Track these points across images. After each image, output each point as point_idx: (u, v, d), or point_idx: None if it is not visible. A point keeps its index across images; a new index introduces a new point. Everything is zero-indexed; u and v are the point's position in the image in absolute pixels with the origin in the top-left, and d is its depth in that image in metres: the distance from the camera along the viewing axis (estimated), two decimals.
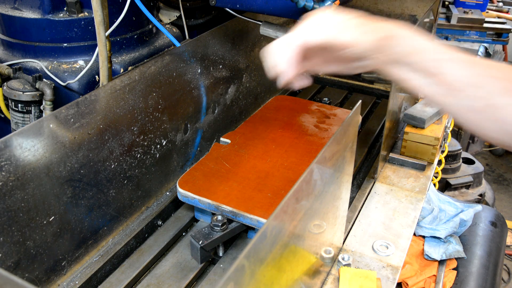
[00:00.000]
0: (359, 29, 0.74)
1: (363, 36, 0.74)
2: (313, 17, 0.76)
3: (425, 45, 0.73)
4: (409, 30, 0.74)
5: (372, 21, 0.76)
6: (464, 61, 0.71)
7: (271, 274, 0.65)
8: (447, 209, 2.06)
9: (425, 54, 0.73)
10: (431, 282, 1.88)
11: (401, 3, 1.79)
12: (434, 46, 0.74)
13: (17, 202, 0.81)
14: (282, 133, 1.30)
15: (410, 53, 0.73)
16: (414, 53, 0.73)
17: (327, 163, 0.76)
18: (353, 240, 1.06)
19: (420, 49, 0.73)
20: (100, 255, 0.99)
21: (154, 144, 1.12)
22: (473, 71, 0.71)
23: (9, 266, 0.81)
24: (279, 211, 0.61)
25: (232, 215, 1.01)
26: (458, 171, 3.04)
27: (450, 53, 0.73)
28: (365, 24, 0.76)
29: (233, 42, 1.38)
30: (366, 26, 0.75)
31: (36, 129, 0.83)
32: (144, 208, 1.13)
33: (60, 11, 1.20)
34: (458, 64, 0.71)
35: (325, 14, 0.77)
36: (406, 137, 1.34)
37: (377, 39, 0.73)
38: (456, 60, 0.72)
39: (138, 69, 1.05)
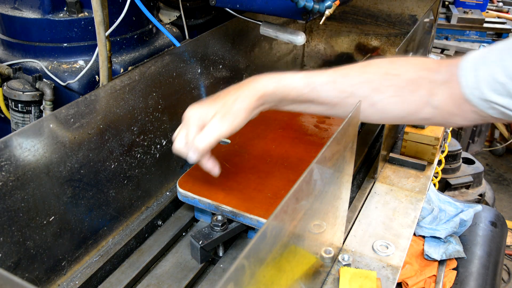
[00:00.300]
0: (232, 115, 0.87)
1: (242, 120, 0.87)
2: (193, 119, 0.89)
3: (293, 80, 0.88)
4: (270, 78, 0.89)
5: (227, 96, 0.90)
6: (331, 82, 0.87)
7: (271, 274, 0.65)
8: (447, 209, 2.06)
9: (297, 88, 0.88)
10: (431, 282, 1.88)
11: (401, 3, 1.79)
12: (301, 78, 0.88)
13: (17, 202, 0.81)
14: (282, 133, 1.30)
15: (287, 94, 0.88)
16: (289, 92, 0.88)
17: (327, 163, 0.76)
18: (353, 240, 1.06)
19: (291, 87, 0.88)
20: (100, 255, 0.99)
21: (154, 144, 1.12)
22: (343, 85, 0.87)
23: (9, 266, 0.81)
24: (279, 211, 0.61)
25: (232, 215, 1.01)
26: (458, 171, 3.04)
27: (318, 77, 0.88)
28: (228, 109, 0.88)
29: (233, 42, 1.38)
30: (230, 110, 0.88)
31: (36, 129, 0.83)
32: (144, 208, 1.13)
33: (60, 11, 1.20)
34: (328, 85, 0.87)
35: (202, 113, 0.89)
36: (406, 137, 1.34)
37: (252, 108, 0.88)
38: (325, 82, 0.87)
39: (138, 69, 1.05)
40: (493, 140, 4.10)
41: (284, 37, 1.22)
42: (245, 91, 0.88)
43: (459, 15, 3.59)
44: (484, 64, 0.77)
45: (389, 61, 0.89)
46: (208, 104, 0.89)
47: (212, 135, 0.86)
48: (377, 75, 0.86)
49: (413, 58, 0.91)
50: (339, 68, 0.89)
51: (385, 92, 0.86)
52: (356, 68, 0.89)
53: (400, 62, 0.88)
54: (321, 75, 0.88)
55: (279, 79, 0.89)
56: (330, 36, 1.93)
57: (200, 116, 0.87)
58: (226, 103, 0.87)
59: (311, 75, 0.89)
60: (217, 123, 0.86)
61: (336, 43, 1.93)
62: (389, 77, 0.86)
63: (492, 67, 0.75)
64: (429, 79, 0.85)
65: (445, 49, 3.51)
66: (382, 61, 0.89)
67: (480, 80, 0.77)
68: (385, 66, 0.87)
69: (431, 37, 1.73)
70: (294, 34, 1.21)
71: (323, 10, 1.08)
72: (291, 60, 1.83)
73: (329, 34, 1.93)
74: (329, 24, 1.91)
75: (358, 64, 0.89)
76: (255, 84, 0.88)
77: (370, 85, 0.86)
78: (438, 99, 0.84)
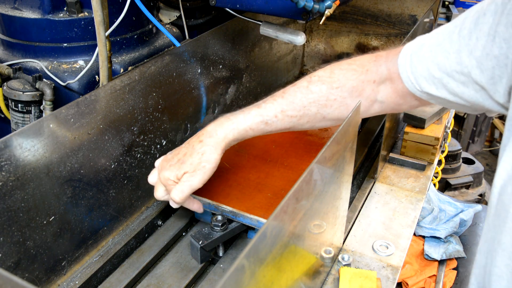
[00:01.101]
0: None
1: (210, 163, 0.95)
2: (166, 181, 0.96)
3: (247, 121, 0.95)
4: (226, 126, 0.96)
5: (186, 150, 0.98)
6: (281, 112, 0.95)
7: (271, 274, 0.65)
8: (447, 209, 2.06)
9: (253, 128, 0.96)
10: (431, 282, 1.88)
11: (401, 3, 1.79)
12: (254, 116, 0.96)
13: (17, 202, 0.81)
14: (282, 133, 1.30)
15: (246, 135, 0.97)
16: (247, 132, 0.96)
17: (327, 163, 0.76)
18: (353, 240, 1.06)
19: (247, 128, 0.96)
20: (100, 255, 0.99)
21: (154, 144, 1.12)
22: (292, 111, 0.95)
23: (9, 266, 0.81)
24: (279, 211, 0.61)
25: (232, 215, 1.01)
26: (458, 171, 3.04)
27: (268, 110, 0.95)
28: (187, 158, 0.96)
29: (233, 42, 1.38)
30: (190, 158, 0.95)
31: (36, 129, 0.83)
32: (144, 208, 1.13)
33: (60, 11, 1.20)
34: (279, 115, 0.95)
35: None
36: (406, 137, 1.34)
37: (218, 158, 0.95)
38: (275, 114, 0.95)
39: (138, 69, 1.05)
40: (493, 140, 4.10)
41: (284, 37, 1.22)
42: (208, 146, 0.95)
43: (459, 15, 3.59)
44: (419, 61, 0.84)
45: (330, 73, 0.96)
46: (175, 165, 0.96)
47: (185, 189, 0.94)
48: (321, 93, 0.94)
49: (351, 63, 0.96)
50: (286, 90, 0.97)
51: (332, 105, 0.95)
52: (301, 89, 0.96)
53: (340, 72, 0.95)
54: (271, 107, 0.96)
55: (235, 124, 0.96)
56: (330, 36, 1.93)
57: (170, 176, 0.95)
58: (193, 163, 0.94)
59: (262, 110, 0.96)
60: (188, 178, 0.94)
61: (336, 43, 1.93)
62: (333, 91, 0.94)
63: (427, 63, 0.83)
64: (370, 80, 0.93)
65: None
66: (323, 75, 0.96)
67: (418, 76, 0.85)
68: (327, 81, 0.95)
69: None
70: (294, 34, 1.21)
71: (323, 10, 1.08)
72: (291, 60, 1.83)
73: (329, 34, 1.93)
74: (329, 24, 1.91)
75: (303, 84, 0.97)
76: (215, 137, 0.95)
77: (317, 103, 0.95)
78: (382, 95, 0.93)
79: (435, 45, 0.82)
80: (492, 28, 0.73)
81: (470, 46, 0.76)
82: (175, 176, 0.94)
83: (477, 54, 0.75)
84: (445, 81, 0.81)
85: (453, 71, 0.79)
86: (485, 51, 0.73)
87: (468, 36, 0.76)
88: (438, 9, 1.71)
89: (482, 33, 0.74)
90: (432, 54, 0.82)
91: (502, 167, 0.65)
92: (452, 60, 0.79)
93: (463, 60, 0.77)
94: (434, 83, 0.83)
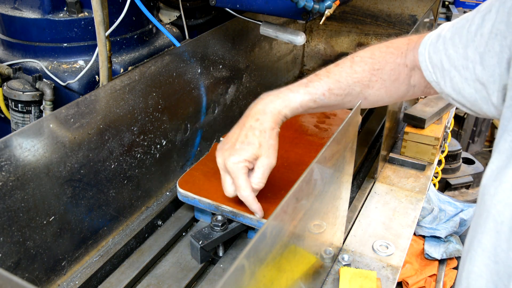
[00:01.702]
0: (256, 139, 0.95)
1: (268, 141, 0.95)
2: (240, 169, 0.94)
3: (297, 98, 0.96)
4: (278, 101, 0.97)
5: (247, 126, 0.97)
6: (328, 90, 0.95)
7: (271, 274, 0.65)
8: (447, 209, 2.06)
9: (303, 105, 0.97)
10: (431, 281, 1.88)
11: (401, 3, 1.79)
12: (304, 94, 0.97)
13: (17, 202, 0.81)
14: (282, 133, 1.30)
15: (296, 111, 0.98)
16: (297, 109, 0.98)
17: (327, 163, 0.76)
18: (353, 240, 1.06)
19: (298, 105, 0.97)
20: (100, 255, 0.99)
21: (154, 144, 1.12)
22: (338, 90, 0.96)
23: (9, 266, 0.81)
24: (279, 211, 0.61)
25: (232, 215, 1.01)
26: (458, 171, 3.04)
27: (317, 88, 0.96)
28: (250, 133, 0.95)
29: (233, 42, 1.38)
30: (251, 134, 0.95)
31: (36, 129, 0.83)
32: (144, 208, 1.13)
33: (60, 11, 1.20)
34: (326, 93, 0.96)
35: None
36: (406, 137, 1.34)
37: (277, 132, 0.97)
38: (323, 92, 0.96)
39: (138, 69, 1.05)
40: (493, 140, 4.09)
41: (284, 37, 1.22)
42: (267, 123, 0.95)
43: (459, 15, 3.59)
44: (435, 52, 0.86)
45: (371, 54, 0.98)
46: (241, 147, 0.94)
47: (266, 171, 0.95)
48: (364, 74, 0.96)
49: (388, 45, 0.99)
50: (331, 70, 0.98)
51: (373, 86, 0.97)
52: (346, 69, 0.97)
53: (380, 54, 0.98)
54: (318, 85, 0.96)
55: (286, 102, 0.97)
56: (330, 36, 1.93)
57: (240, 159, 0.93)
58: (262, 143, 0.94)
59: (310, 88, 0.97)
60: (264, 160, 0.95)
61: (336, 43, 1.93)
62: (374, 73, 0.96)
63: (440, 55, 0.85)
64: (404, 64, 0.95)
65: None
66: (365, 55, 0.98)
67: (434, 66, 0.87)
68: (369, 62, 0.97)
69: None
70: (294, 34, 1.21)
71: (323, 10, 1.08)
72: (291, 60, 1.83)
73: (329, 34, 1.93)
74: (329, 24, 1.91)
75: (346, 64, 0.98)
76: (270, 114, 0.96)
77: (361, 83, 0.97)
78: (414, 79, 0.96)
79: (448, 38, 0.84)
80: (495, 26, 0.73)
81: (475, 42, 0.77)
82: (244, 160, 0.93)
83: (481, 50, 0.76)
84: (452, 74, 0.82)
85: (459, 65, 0.80)
86: (487, 47, 0.74)
87: (474, 32, 0.78)
88: (438, 9, 1.71)
89: (486, 29, 0.75)
90: (444, 47, 0.84)
91: (488, 167, 0.66)
92: (460, 54, 0.80)
93: (469, 55, 0.78)
94: (444, 76, 0.85)
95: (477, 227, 0.67)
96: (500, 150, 0.65)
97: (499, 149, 0.66)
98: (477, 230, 0.66)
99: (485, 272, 0.64)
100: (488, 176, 0.66)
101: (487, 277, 0.64)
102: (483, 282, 0.65)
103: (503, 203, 0.61)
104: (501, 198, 0.62)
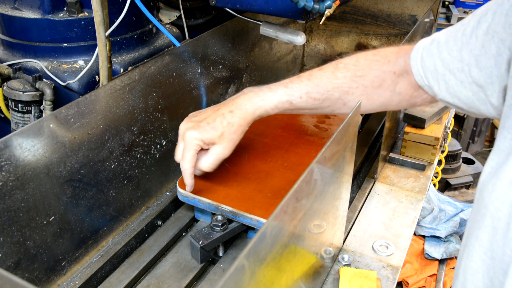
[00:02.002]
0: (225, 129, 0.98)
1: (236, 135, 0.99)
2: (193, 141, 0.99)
3: (274, 98, 0.98)
4: (255, 99, 0.99)
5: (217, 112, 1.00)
6: (306, 93, 0.97)
7: (271, 274, 0.65)
8: (447, 209, 2.06)
9: (279, 106, 0.99)
10: (431, 281, 1.88)
11: (401, 3, 1.79)
12: (281, 95, 0.99)
13: (17, 202, 0.81)
14: (282, 133, 1.30)
15: (271, 111, 1.00)
16: (272, 109, 0.99)
17: (327, 163, 0.76)
18: (353, 240, 1.06)
19: (274, 105, 0.99)
20: (100, 255, 0.99)
21: (154, 144, 1.12)
22: (317, 94, 0.97)
23: (9, 266, 0.81)
24: (279, 211, 0.61)
25: (232, 215, 1.01)
26: (458, 171, 3.04)
27: (295, 90, 0.98)
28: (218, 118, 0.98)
29: (233, 42, 1.38)
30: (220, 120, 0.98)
31: (36, 129, 0.83)
32: (144, 208, 1.13)
33: (60, 11, 1.20)
34: (304, 96, 0.98)
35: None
36: (406, 137, 1.34)
37: (244, 129, 1.00)
38: (301, 95, 0.98)
39: (138, 69, 1.05)
40: (493, 140, 4.09)
41: (284, 37, 1.22)
42: (237, 118, 0.98)
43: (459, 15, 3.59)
44: (428, 56, 0.86)
45: (355, 61, 0.99)
46: (203, 125, 0.98)
47: (214, 160, 1.00)
48: (345, 80, 0.97)
49: (375, 53, 0.99)
50: (313, 73, 1.01)
51: (354, 93, 0.98)
52: (327, 74, 0.99)
53: (364, 61, 0.98)
54: (297, 88, 0.98)
55: (263, 101, 0.99)
56: (330, 36, 1.93)
57: (196, 136, 0.97)
58: (224, 132, 0.97)
59: (289, 90, 0.99)
60: (217, 149, 0.99)
61: (336, 43, 1.93)
62: (356, 79, 0.97)
63: (434, 59, 0.84)
64: (391, 71, 0.95)
65: None
66: (349, 62, 0.99)
67: (426, 70, 0.87)
68: (352, 69, 0.98)
69: None
70: (294, 34, 1.21)
71: (323, 10, 1.08)
72: (291, 60, 1.83)
73: (329, 34, 1.93)
74: (329, 24, 1.91)
75: (329, 69, 1.00)
76: (244, 111, 0.98)
77: (341, 89, 0.98)
78: (400, 86, 0.96)
79: (442, 42, 0.84)
80: (491, 27, 0.73)
81: (470, 45, 0.77)
82: (200, 139, 0.97)
83: (476, 53, 0.76)
84: (446, 78, 0.82)
85: (454, 68, 0.80)
86: (483, 49, 0.74)
87: (469, 35, 0.78)
88: (438, 9, 1.71)
89: (481, 31, 0.75)
90: (438, 51, 0.84)
91: (487, 164, 0.67)
92: (455, 57, 0.80)
93: (464, 58, 0.78)
94: (437, 80, 0.85)
95: (474, 223, 0.67)
96: (499, 148, 0.66)
97: (498, 146, 0.66)
98: (474, 226, 0.67)
99: (481, 267, 0.65)
100: (487, 173, 0.66)
101: (483, 272, 0.65)
102: (479, 277, 0.66)
103: (500, 200, 0.62)
104: (498, 194, 0.62)
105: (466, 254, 0.69)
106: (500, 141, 0.66)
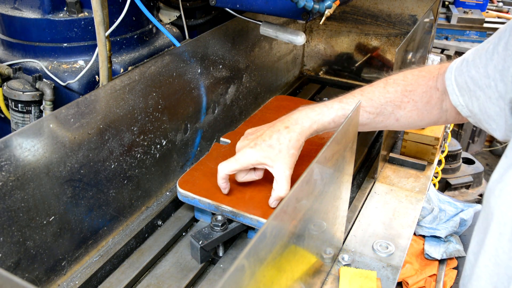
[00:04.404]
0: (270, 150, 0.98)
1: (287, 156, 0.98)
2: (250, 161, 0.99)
3: (330, 114, 0.99)
4: (310, 117, 0.99)
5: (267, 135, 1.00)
6: (361, 108, 0.97)
7: (271, 274, 0.65)
8: (447, 209, 2.06)
9: (335, 121, 0.99)
10: (431, 281, 1.88)
11: (401, 3, 1.79)
12: (337, 110, 1.00)
13: (17, 202, 0.81)
14: None
15: (326, 128, 1.00)
16: (327, 126, 1.00)
17: (327, 163, 0.76)
18: (353, 240, 1.06)
19: (329, 121, 0.99)
20: (100, 255, 0.99)
21: (154, 144, 1.12)
22: (370, 108, 0.98)
23: (9, 266, 0.81)
24: (279, 211, 0.61)
25: (232, 215, 1.01)
26: (458, 171, 3.04)
27: (350, 106, 0.99)
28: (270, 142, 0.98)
29: (233, 42, 1.38)
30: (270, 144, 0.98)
31: (36, 129, 0.83)
32: (144, 208, 1.13)
33: (60, 11, 1.20)
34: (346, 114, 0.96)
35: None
36: (406, 137, 1.34)
37: (300, 148, 0.99)
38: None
39: (138, 69, 1.05)
40: (493, 140, 4.10)
41: (284, 37, 1.22)
42: (294, 133, 0.98)
43: (459, 15, 3.59)
44: (460, 75, 0.88)
45: (403, 77, 1.00)
46: (262, 146, 0.98)
47: (286, 181, 0.99)
48: (397, 94, 0.98)
49: (421, 69, 1.01)
50: (364, 89, 1.01)
51: (405, 107, 0.99)
52: (379, 89, 1.00)
53: (412, 77, 0.99)
54: (352, 102, 0.99)
55: (320, 116, 0.99)
56: (330, 36, 1.93)
57: (258, 158, 0.98)
58: (282, 149, 0.97)
59: (344, 104, 0.99)
60: (282, 166, 0.98)
61: (336, 43, 1.93)
62: (406, 94, 0.98)
63: (465, 78, 0.86)
64: (436, 87, 0.96)
65: (445, 49, 3.51)
66: (397, 78, 1.01)
67: (461, 89, 0.88)
68: (401, 84, 0.99)
69: (431, 37, 1.73)
70: (294, 34, 1.21)
71: (323, 10, 1.08)
72: (291, 60, 1.83)
73: (329, 34, 1.93)
74: (329, 24, 1.91)
75: (379, 85, 1.01)
76: (301, 125, 0.98)
77: (393, 103, 0.99)
78: (446, 104, 0.96)
79: (470, 60, 0.86)
80: (509, 43, 0.76)
81: (494, 61, 0.79)
82: (256, 159, 0.98)
83: (500, 68, 0.78)
84: (477, 95, 0.84)
85: (483, 84, 0.82)
86: (506, 64, 0.76)
87: (492, 51, 0.80)
88: (438, 9, 1.71)
89: (501, 47, 0.77)
90: (468, 69, 0.86)
91: (496, 170, 0.67)
92: (481, 73, 0.82)
93: (490, 74, 0.80)
94: (471, 97, 0.86)
95: (481, 229, 0.67)
96: (508, 154, 0.67)
97: (507, 152, 0.67)
98: (481, 231, 0.67)
99: (484, 273, 0.65)
100: (495, 178, 0.66)
101: (486, 279, 0.64)
102: (482, 284, 0.65)
103: (506, 205, 0.62)
104: (505, 199, 0.62)
105: (474, 260, 0.69)
106: (510, 147, 0.68)
